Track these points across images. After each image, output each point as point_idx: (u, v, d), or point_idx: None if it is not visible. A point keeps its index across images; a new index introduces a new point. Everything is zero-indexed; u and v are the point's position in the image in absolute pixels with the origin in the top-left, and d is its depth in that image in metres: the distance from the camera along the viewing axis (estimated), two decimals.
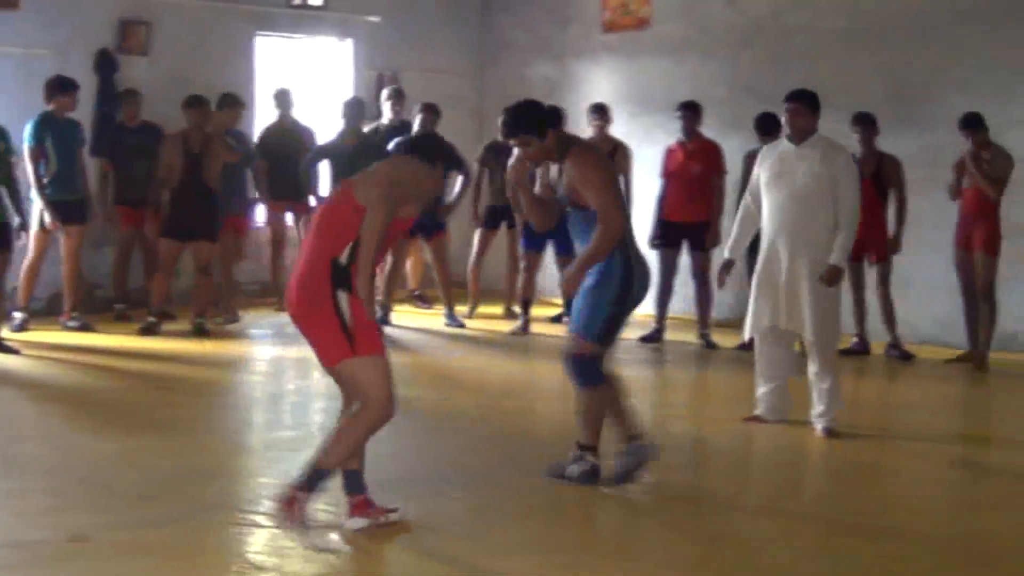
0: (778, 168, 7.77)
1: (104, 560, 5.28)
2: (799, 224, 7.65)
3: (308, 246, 5.64)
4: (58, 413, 8.20)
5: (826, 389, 7.76)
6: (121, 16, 12.35)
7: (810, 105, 7.80)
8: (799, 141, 7.75)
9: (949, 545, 5.83)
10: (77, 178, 11.08)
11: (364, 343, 5.50)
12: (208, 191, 11.10)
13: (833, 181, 7.59)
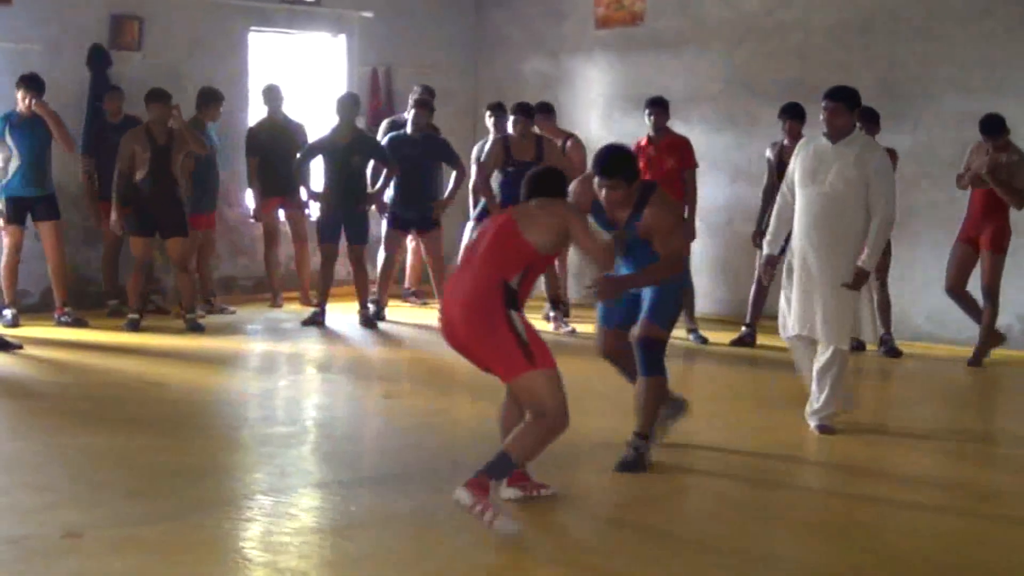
0: (812, 165, 7.67)
1: (97, 556, 5.26)
2: (827, 224, 7.56)
3: (473, 274, 5.94)
4: (49, 409, 8.17)
5: (827, 386, 7.71)
6: (114, 11, 12.31)
7: (849, 104, 7.65)
8: (836, 139, 7.62)
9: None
10: (44, 173, 11.01)
11: (540, 357, 5.81)
12: (176, 185, 11.10)
13: (866, 182, 7.48)
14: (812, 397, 7.82)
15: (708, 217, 11.86)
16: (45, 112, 10.77)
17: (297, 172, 11.81)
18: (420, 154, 11.72)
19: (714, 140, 12.25)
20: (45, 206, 11.02)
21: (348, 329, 11.55)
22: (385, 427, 7.85)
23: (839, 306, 7.56)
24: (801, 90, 11.50)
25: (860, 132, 7.76)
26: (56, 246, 11.14)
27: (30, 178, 10.83)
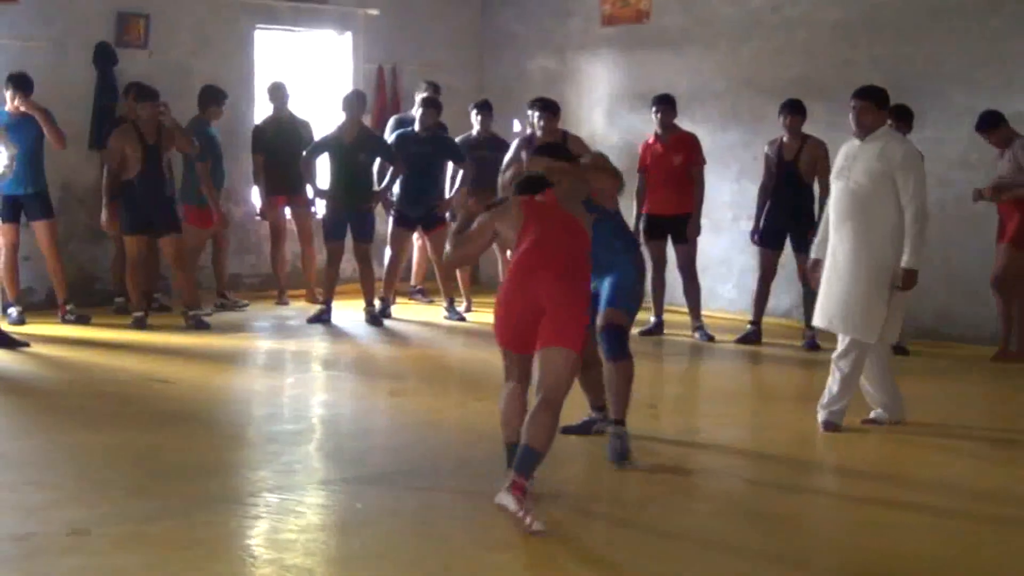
0: (842, 163, 7.70)
1: (103, 553, 5.27)
2: (852, 218, 7.54)
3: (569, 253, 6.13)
4: (55, 406, 8.18)
5: (839, 379, 7.68)
6: (120, 8, 12.32)
7: (876, 101, 7.66)
8: (863, 137, 7.64)
9: None
10: (36, 172, 10.98)
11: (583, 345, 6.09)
12: (167, 183, 11.11)
13: (891, 176, 7.46)
14: (826, 389, 7.78)
15: (713, 214, 11.84)
16: (34, 109, 10.74)
17: (303, 170, 11.82)
18: (426, 152, 11.71)
19: (719, 137, 12.24)
20: (38, 205, 10.99)
21: (354, 327, 11.55)
22: (391, 425, 7.85)
23: (862, 299, 7.52)
24: (807, 87, 11.51)
25: (886, 128, 7.75)
26: (51, 245, 11.11)
27: (22, 177, 10.78)
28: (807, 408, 8.14)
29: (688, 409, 8.74)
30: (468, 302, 12.44)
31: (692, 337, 11.09)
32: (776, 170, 10.77)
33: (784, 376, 9.93)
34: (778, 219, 10.77)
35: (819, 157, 10.61)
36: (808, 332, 10.69)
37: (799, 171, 10.66)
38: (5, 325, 10.53)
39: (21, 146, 10.63)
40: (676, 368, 10.44)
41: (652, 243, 11.15)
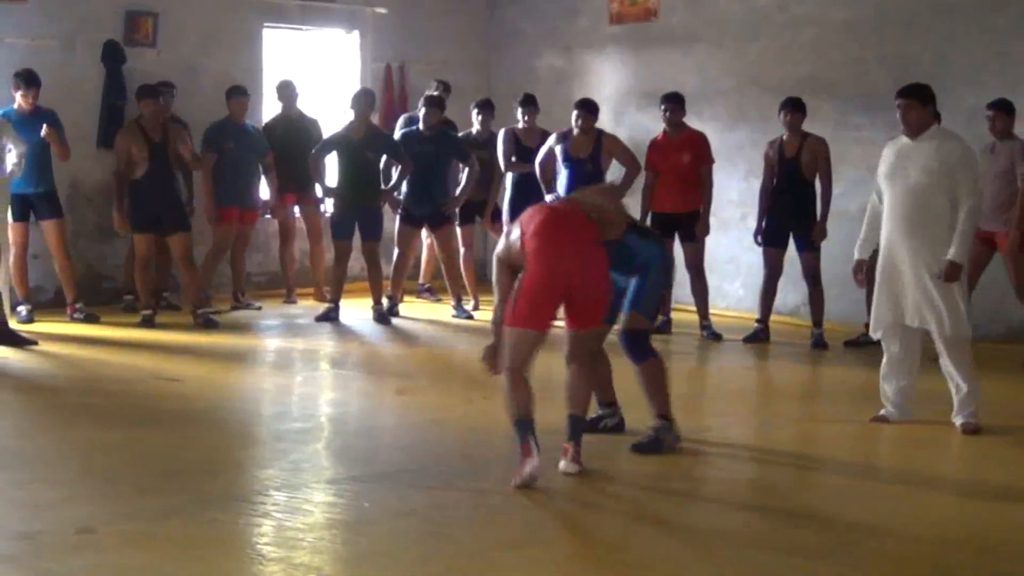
0: (895, 163, 7.68)
1: (111, 552, 5.28)
2: (916, 219, 7.55)
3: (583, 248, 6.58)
4: (64, 404, 8.20)
5: (960, 385, 7.68)
6: (128, 7, 12.34)
7: (921, 98, 7.62)
8: (915, 135, 7.62)
9: None
10: (45, 171, 11.01)
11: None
12: (175, 180, 11.13)
13: (949, 173, 7.48)
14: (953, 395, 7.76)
15: (720, 213, 11.84)
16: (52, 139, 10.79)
17: (312, 168, 11.83)
18: (433, 151, 11.72)
19: (727, 136, 12.24)
20: (46, 204, 11.01)
21: (362, 325, 11.56)
22: (398, 423, 7.86)
23: (944, 296, 7.53)
24: (815, 86, 11.52)
25: (938, 126, 7.73)
26: (60, 244, 11.13)
27: (31, 176, 10.77)
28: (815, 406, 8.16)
29: (696, 407, 8.72)
30: (476, 300, 12.44)
31: (700, 336, 11.09)
32: (778, 168, 10.77)
33: (792, 375, 9.92)
34: (781, 217, 10.77)
35: (820, 154, 10.62)
36: (816, 331, 10.69)
37: (801, 169, 10.66)
38: (15, 323, 10.56)
39: (30, 145, 10.64)
40: (684, 367, 10.42)
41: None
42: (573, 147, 11.19)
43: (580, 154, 11.15)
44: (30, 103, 10.80)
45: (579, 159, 11.14)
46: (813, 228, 10.67)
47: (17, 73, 10.84)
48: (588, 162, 11.16)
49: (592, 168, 11.17)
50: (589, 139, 11.18)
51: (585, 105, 11.22)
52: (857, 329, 10.79)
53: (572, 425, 6.60)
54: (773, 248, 10.87)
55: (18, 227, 10.91)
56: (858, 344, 10.59)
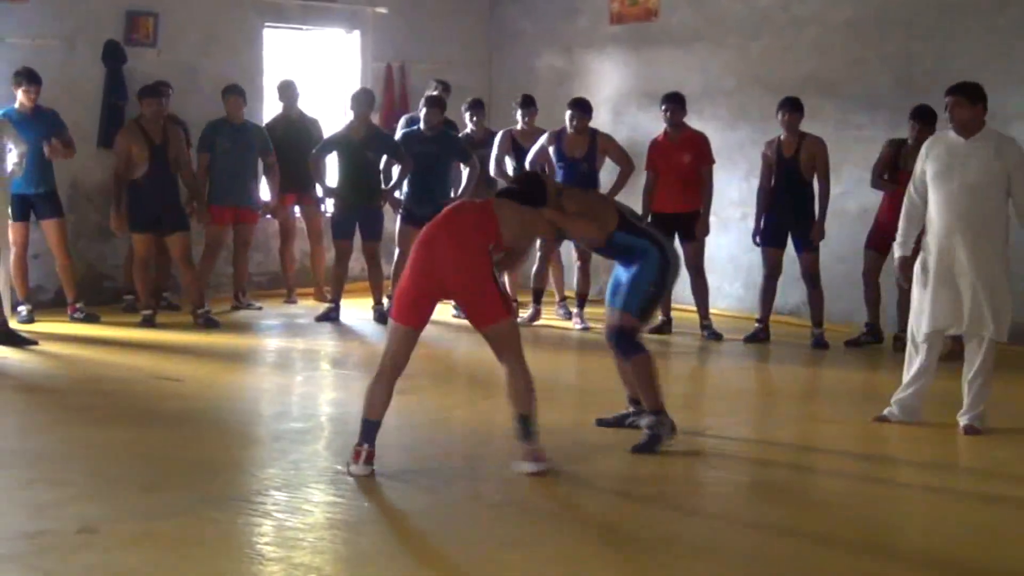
0: (948, 161, 7.58)
1: (112, 551, 5.28)
2: (973, 217, 7.48)
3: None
4: (65, 404, 8.20)
5: (978, 386, 7.64)
6: (129, 7, 12.34)
7: (969, 96, 7.56)
8: (967, 135, 7.56)
9: None
10: (45, 170, 11.00)
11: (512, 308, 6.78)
12: (174, 180, 11.14)
13: (1007, 174, 7.43)
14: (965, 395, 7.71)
15: (721, 213, 11.84)
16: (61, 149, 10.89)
17: (312, 168, 11.83)
18: (433, 151, 11.71)
19: (728, 136, 12.23)
20: (47, 204, 11.02)
21: (362, 325, 11.56)
22: (399, 423, 7.83)
23: (995, 298, 7.49)
24: (817, 85, 11.52)
25: (991, 128, 7.64)
26: (60, 244, 11.13)
27: (31, 175, 10.77)
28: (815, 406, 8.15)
29: (697, 407, 8.72)
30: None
31: (700, 335, 11.09)
32: (776, 168, 10.76)
33: (792, 374, 9.92)
34: (780, 217, 10.76)
35: (818, 154, 10.63)
36: (816, 331, 10.69)
37: (799, 169, 10.66)
38: (15, 323, 10.56)
39: (30, 144, 10.65)
40: (684, 366, 10.44)
41: None
42: (567, 146, 11.23)
43: (575, 153, 11.20)
44: (32, 99, 10.80)
45: (574, 159, 11.18)
46: (812, 228, 10.67)
47: (18, 71, 10.85)
48: (583, 161, 11.20)
49: (587, 168, 11.21)
50: (583, 138, 11.22)
51: (579, 104, 11.27)
52: (857, 329, 10.81)
53: (518, 425, 6.56)
54: (772, 248, 10.87)
55: (18, 227, 10.91)
56: (859, 344, 10.60)
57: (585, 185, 11.13)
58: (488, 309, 6.55)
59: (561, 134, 11.29)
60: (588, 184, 11.17)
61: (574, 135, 11.22)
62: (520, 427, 6.54)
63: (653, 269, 7.08)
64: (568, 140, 11.24)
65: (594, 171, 11.32)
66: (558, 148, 11.25)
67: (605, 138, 11.43)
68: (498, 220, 6.61)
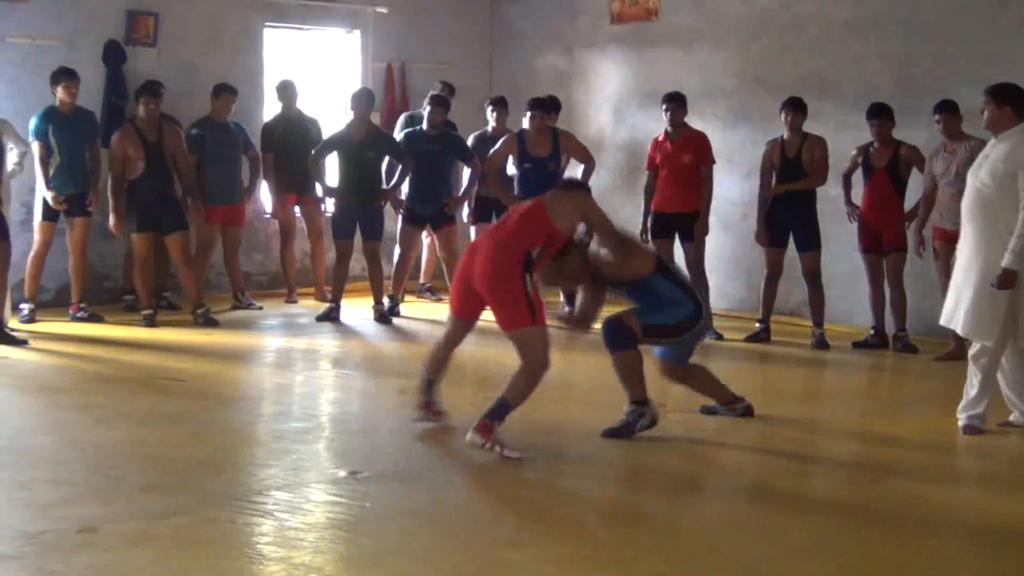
0: (978, 161, 7.59)
1: (113, 551, 5.28)
2: (974, 217, 7.43)
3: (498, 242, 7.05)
4: (66, 404, 8.21)
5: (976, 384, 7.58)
6: (129, 7, 12.34)
7: (996, 96, 7.48)
8: (995, 133, 7.52)
9: None
10: (82, 170, 11.06)
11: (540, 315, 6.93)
12: (172, 179, 11.15)
13: (1013, 177, 7.27)
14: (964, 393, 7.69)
15: (721, 213, 11.84)
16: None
17: (312, 168, 11.84)
18: (436, 151, 11.72)
19: (728, 136, 12.23)
20: (79, 202, 11.06)
21: (363, 325, 11.56)
22: (400, 423, 7.84)
23: (974, 299, 7.39)
24: (817, 85, 11.52)
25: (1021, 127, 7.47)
26: (82, 242, 11.18)
27: (69, 176, 10.87)
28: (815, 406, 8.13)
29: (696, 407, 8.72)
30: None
31: None
32: (779, 168, 10.76)
33: (793, 375, 9.92)
34: (781, 217, 10.76)
35: (820, 154, 10.63)
36: (817, 331, 10.70)
37: (802, 169, 10.66)
38: (15, 322, 10.57)
39: (72, 145, 10.80)
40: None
41: (659, 241, 11.16)
42: (531, 146, 11.30)
43: (540, 152, 11.28)
44: (72, 95, 10.88)
45: (539, 157, 11.30)
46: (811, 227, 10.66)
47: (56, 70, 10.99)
48: (548, 160, 11.32)
49: (553, 166, 11.34)
50: (545, 137, 11.30)
51: (540, 104, 11.37)
52: (859, 329, 10.82)
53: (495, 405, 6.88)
54: (773, 248, 10.87)
55: (47, 226, 11.01)
56: (867, 345, 10.59)
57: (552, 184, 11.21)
58: (509, 316, 6.86)
59: (522, 134, 11.37)
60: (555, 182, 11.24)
61: (534, 134, 11.30)
62: (495, 407, 6.87)
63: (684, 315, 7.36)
64: (530, 139, 11.32)
65: (560, 170, 11.42)
66: (522, 148, 11.33)
67: (565, 135, 11.56)
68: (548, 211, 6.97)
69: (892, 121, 10.38)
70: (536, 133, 11.31)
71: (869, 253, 10.57)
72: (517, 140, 11.42)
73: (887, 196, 10.43)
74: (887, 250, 10.48)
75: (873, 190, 10.48)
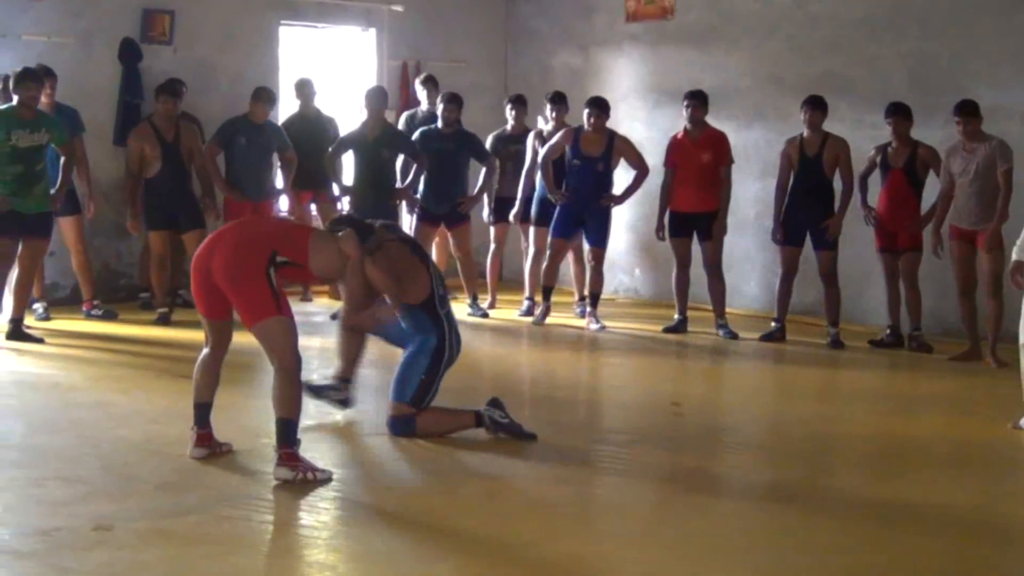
0: None
1: (127, 548, 5.29)
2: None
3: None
4: (81, 402, 8.21)
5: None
6: (145, 5, 12.37)
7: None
8: None
9: None
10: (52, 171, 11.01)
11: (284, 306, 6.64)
12: (189, 178, 11.17)
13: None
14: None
15: (737, 212, 11.82)
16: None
17: (328, 167, 11.84)
18: (450, 149, 11.73)
19: (744, 135, 12.21)
20: (65, 201, 11.04)
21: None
22: None
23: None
24: (832, 84, 11.49)
25: None
26: (77, 240, 11.17)
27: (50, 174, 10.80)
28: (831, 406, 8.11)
29: (712, 407, 8.72)
30: (493, 298, 12.45)
31: (716, 335, 11.08)
32: (799, 167, 10.74)
33: (809, 374, 9.90)
34: (799, 216, 10.74)
35: (842, 154, 10.61)
36: (832, 330, 10.68)
37: (822, 167, 10.64)
38: (31, 320, 10.60)
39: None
40: (700, 366, 10.45)
41: (678, 240, 11.17)
42: (584, 144, 11.21)
43: (592, 152, 11.19)
44: (50, 96, 10.81)
45: (591, 157, 11.18)
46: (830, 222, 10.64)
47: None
48: (599, 160, 11.20)
49: (603, 167, 11.22)
50: (601, 137, 11.21)
51: (597, 103, 11.24)
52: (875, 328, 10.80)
53: (278, 428, 6.37)
54: (790, 247, 10.85)
55: None
56: (883, 344, 10.57)
57: (600, 184, 11.18)
58: (249, 312, 6.52)
59: (579, 132, 11.29)
60: (603, 183, 11.21)
61: (591, 133, 11.22)
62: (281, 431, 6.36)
63: (428, 358, 7.29)
64: (585, 138, 11.23)
65: (609, 170, 11.33)
66: (575, 145, 11.24)
67: (622, 140, 11.41)
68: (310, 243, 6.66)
69: (910, 120, 10.35)
70: (593, 132, 11.24)
71: (885, 253, 10.55)
72: (574, 135, 11.33)
73: (904, 196, 10.40)
74: (903, 250, 10.44)
75: (890, 189, 10.46)
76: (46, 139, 10.02)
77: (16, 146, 9.81)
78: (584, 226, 11.38)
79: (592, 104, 11.24)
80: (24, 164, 9.88)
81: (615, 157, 11.32)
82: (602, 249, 11.41)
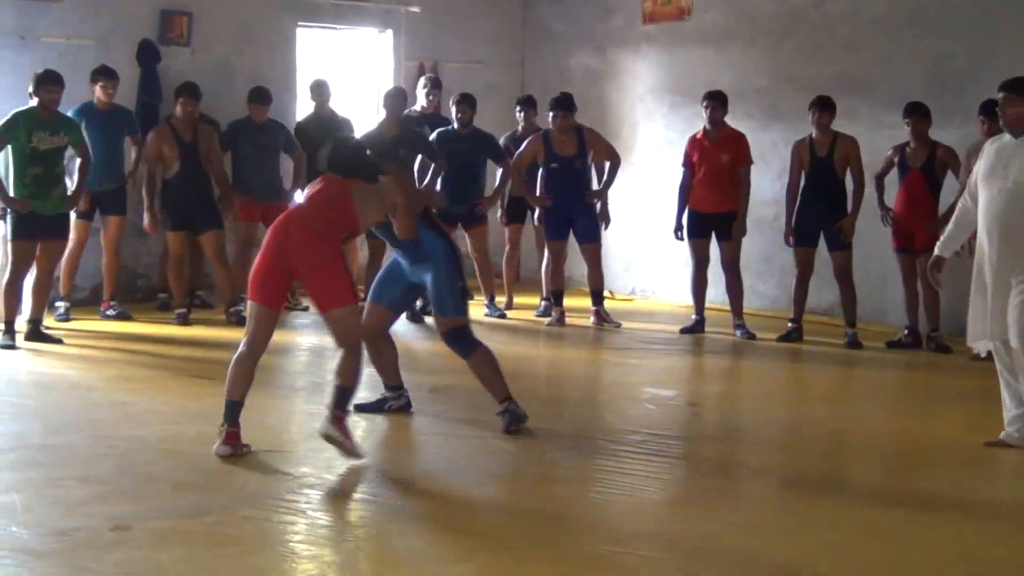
0: (993, 162, 7.19)
1: (144, 548, 5.30)
2: (1009, 222, 7.02)
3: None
4: (99, 402, 8.24)
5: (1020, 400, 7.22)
6: (163, 6, 12.40)
7: (1020, 92, 7.13)
8: (1018, 133, 7.14)
9: None
10: (117, 167, 11.12)
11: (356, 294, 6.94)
12: (207, 179, 11.19)
13: None
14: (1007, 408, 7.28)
15: (754, 212, 11.77)
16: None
17: None
18: (467, 150, 11.73)
19: (761, 135, 12.18)
20: (114, 200, 11.13)
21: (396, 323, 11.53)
22: (432, 422, 7.85)
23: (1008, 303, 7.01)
24: (849, 84, 11.48)
25: None
26: (116, 240, 11.26)
27: (104, 172, 10.91)
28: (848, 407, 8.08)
29: (730, 407, 8.71)
30: (509, 299, 12.45)
31: (733, 335, 11.06)
32: (810, 168, 10.72)
33: (826, 375, 9.88)
34: (812, 217, 10.70)
35: (852, 153, 10.60)
36: (849, 331, 10.65)
37: (833, 168, 10.62)
38: (52, 320, 10.63)
39: (107, 141, 10.90)
40: (717, 366, 10.43)
41: (696, 240, 11.16)
42: (557, 145, 11.30)
43: (567, 151, 11.27)
44: (109, 95, 10.99)
45: (567, 156, 11.29)
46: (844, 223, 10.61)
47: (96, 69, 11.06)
48: (576, 159, 11.32)
49: (581, 164, 11.35)
50: (571, 136, 11.29)
51: (561, 103, 11.34)
52: (892, 328, 10.77)
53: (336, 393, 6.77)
54: (803, 247, 10.82)
55: (82, 225, 11.04)
56: (900, 345, 10.55)
57: (581, 180, 11.27)
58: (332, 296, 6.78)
59: (547, 135, 11.39)
60: (582, 181, 11.29)
61: (559, 134, 11.30)
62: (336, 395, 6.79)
63: (449, 264, 7.42)
64: (557, 140, 11.32)
65: (587, 166, 11.47)
66: (548, 148, 11.33)
67: (590, 132, 11.55)
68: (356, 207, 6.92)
69: (928, 120, 10.31)
70: (560, 132, 11.31)
71: (903, 253, 10.52)
72: (543, 140, 11.43)
73: (922, 196, 10.37)
74: (920, 250, 10.40)
75: (908, 190, 10.43)
76: (65, 141, 10.08)
77: (37, 148, 9.87)
78: (573, 225, 11.46)
79: (556, 106, 11.32)
80: (43, 166, 9.94)
81: (589, 151, 11.40)
82: (596, 244, 11.50)
